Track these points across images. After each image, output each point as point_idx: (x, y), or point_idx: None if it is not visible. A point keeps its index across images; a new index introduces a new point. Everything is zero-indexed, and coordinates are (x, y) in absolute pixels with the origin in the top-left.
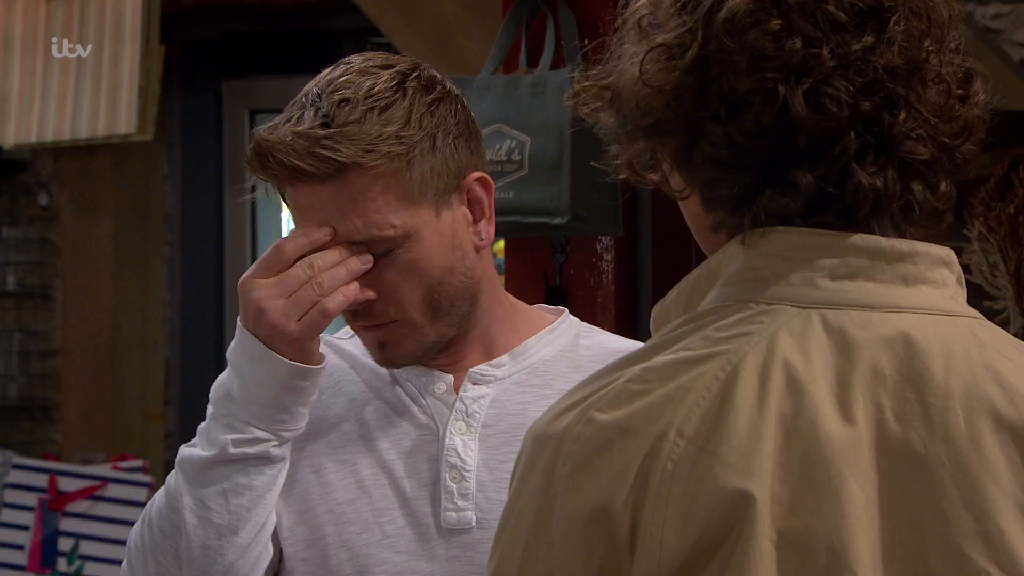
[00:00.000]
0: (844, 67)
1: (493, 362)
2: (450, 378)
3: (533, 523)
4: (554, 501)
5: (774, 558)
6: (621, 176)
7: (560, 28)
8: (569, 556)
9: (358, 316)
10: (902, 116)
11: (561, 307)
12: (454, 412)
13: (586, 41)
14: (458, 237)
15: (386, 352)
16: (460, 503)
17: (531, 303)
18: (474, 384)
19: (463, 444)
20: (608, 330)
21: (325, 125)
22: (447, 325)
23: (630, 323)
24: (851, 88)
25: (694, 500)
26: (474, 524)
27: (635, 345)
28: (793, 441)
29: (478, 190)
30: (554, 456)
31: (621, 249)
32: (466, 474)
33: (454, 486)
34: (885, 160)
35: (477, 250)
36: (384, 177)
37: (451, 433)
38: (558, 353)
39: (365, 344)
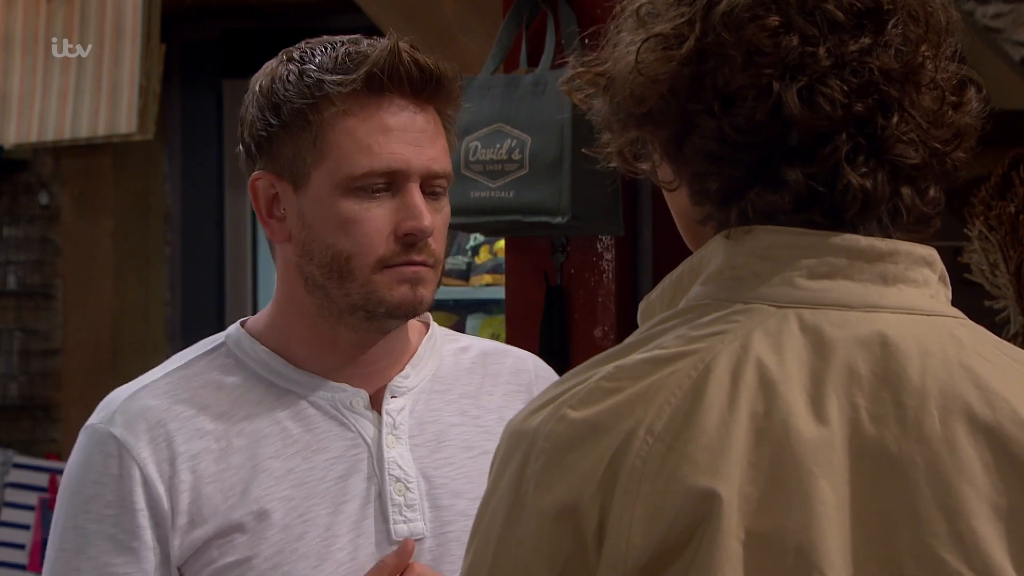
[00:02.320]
0: (840, 67)
1: (401, 374)
2: (365, 393)
3: (505, 519)
4: (525, 497)
5: (741, 557)
6: (612, 165)
7: (561, 27)
8: (538, 552)
9: (419, 249)
10: (895, 119)
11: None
12: (384, 426)
13: (586, 40)
14: None
15: (417, 292)
16: (409, 515)
17: (531, 303)
18: (393, 397)
19: (400, 456)
20: (609, 330)
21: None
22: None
23: (631, 323)
24: (845, 88)
25: (661, 498)
26: (427, 533)
27: (498, 345)
28: (764, 440)
29: None
30: (527, 453)
31: (621, 248)
32: (409, 485)
33: (400, 499)
34: (876, 162)
35: None
36: (450, 121)
37: (387, 447)
38: (441, 360)
39: (393, 286)
